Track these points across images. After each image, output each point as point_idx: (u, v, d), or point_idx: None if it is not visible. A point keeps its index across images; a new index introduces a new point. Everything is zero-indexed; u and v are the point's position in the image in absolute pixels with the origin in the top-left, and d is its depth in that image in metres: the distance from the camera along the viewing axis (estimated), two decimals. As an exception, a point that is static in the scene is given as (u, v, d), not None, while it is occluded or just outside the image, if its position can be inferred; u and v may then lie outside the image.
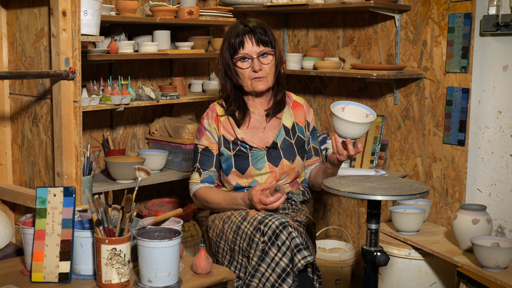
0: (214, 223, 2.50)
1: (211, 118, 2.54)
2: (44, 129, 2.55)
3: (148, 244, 1.92)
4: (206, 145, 2.52)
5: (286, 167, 2.49)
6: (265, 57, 2.45)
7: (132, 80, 3.64)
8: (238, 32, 2.45)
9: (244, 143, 2.49)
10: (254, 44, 2.44)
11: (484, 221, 2.82)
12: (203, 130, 2.54)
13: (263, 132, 2.53)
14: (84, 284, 1.98)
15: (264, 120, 2.55)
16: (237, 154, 2.48)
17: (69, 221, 2.02)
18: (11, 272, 2.09)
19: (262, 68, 2.45)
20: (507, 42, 3.12)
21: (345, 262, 3.41)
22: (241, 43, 2.44)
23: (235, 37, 2.45)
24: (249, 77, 2.46)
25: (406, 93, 3.48)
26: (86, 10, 2.48)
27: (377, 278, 2.12)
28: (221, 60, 2.51)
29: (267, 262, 2.19)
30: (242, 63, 2.45)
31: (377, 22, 3.58)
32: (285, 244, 2.17)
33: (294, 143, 2.53)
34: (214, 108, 2.57)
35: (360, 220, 3.71)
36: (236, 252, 2.34)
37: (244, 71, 2.45)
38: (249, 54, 2.44)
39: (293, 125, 2.56)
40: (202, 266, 2.07)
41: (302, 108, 2.61)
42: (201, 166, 2.52)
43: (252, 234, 2.25)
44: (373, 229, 2.08)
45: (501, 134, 3.19)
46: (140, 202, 3.69)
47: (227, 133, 2.51)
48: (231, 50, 2.46)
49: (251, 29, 2.44)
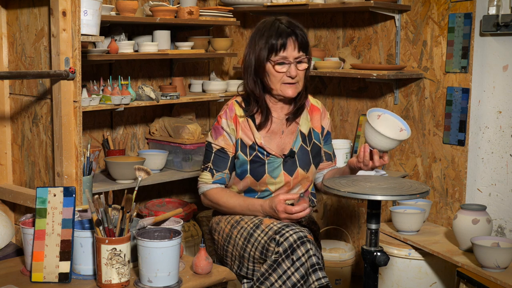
0: (219, 225, 2.44)
1: (229, 119, 2.40)
2: (44, 129, 2.55)
3: (148, 244, 1.92)
4: (222, 146, 2.40)
5: (301, 176, 2.42)
6: (301, 64, 2.35)
7: (132, 80, 3.64)
8: (280, 32, 2.32)
9: (262, 149, 2.39)
10: (296, 49, 2.33)
11: (484, 221, 2.82)
12: (221, 130, 2.40)
13: (280, 137, 2.44)
14: (84, 284, 1.98)
15: (282, 124, 2.45)
16: (254, 160, 2.38)
17: (69, 221, 2.02)
18: (11, 272, 2.09)
19: (297, 74, 2.35)
20: (507, 42, 3.12)
21: (345, 262, 3.41)
22: (283, 46, 2.31)
23: (276, 38, 2.31)
24: (281, 81, 2.35)
25: (406, 93, 3.48)
26: (86, 10, 2.48)
27: (377, 278, 2.13)
28: (253, 58, 2.36)
29: (279, 273, 2.14)
30: (280, 66, 2.33)
31: (377, 22, 3.58)
32: (300, 260, 2.12)
33: (310, 151, 2.45)
34: (232, 107, 2.42)
35: (360, 220, 3.71)
36: (245, 259, 2.29)
37: (278, 75, 2.34)
38: (288, 58, 2.33)
39: (309, 131, 2.47)
40: (202, 266, 2.07)
41: (318, 112, 2.52)
42: (214, 167, 2.41)
43: (266, 244, 2.20)
44: (373, 229, 2.09)
45: (501, 134, 3.19)
46: (140, 202, 3.69)
47: (245, 136, 2.40)
48: (269, 50, 2.32)
49: (293, 31, 2.33)
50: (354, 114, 3.73)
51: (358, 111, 3.71)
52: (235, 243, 2.34)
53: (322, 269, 2.13)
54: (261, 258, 2.23)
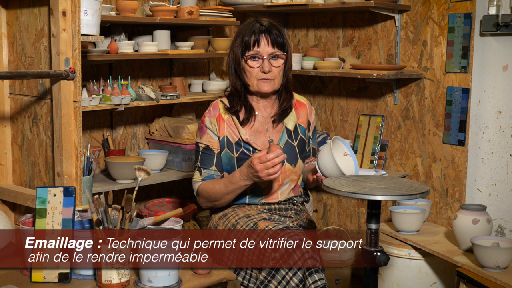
0: (217, 229, 2.45)
1: (213, 116, 2.48)
2: (44, 129, 2.54)
3: (148, 244, 1.92)
4: (207, 144, 2.46)
5: (288, 171, 2.45)
6: (276, 60, 2.40)
7: (132, 80, 3.64)
8: (254, 30, 2.39)
9: (248, 145, 2.44)
10: (269, 45, 2.39)
11: (484, 221, 2.81)
12: (204, 128, 2.48)
13: (265, 135, 2.48)
14: (84, 284, 1.98)
15: (267, 123, 2.50)
16: (240, 158, 2.42)
17: (69, 221, 2.02)
18: (11, 272, 2.09)
19: (271, 70, 2.39)
20: (507, 42, 3.11)
21: (345, 262, 3.41)
22: (256, 42, 2.38)
23: (250, 35, 2.39)
24: (256, 77, 2.41)
25: (406, 93, 3.48)
26: (86, 10, 2.48)
27: (377, 278, 2.12)
28: (232, 56, 2.45)
29: (278, 279, 2.16)
30: (252, 61, 2.40)
31: (377, 22, 3.58)
32: (297, 264, 2.13)
33: (296, 146, 2.50)
34: (217, 106, 2.50)
35: (360, 220, 3.71)
36: (244, 263, 2.30)
37: (252, 70, 2.40)
38: (261, 53, 2.39)
39: (295, 126, 2.52)
40: (202, 266, 2.07)
41: (305, 108, 2.57)
42: (202, 165, 2.46)
43: (263, 249, 2.21)
44: (373, 229, 2.08)
45: (501, 134, 3.19)
46: (140, 202, 3.69)
47: (231, 133, 2.45)
48: (244, 47, 2.40)
49: (267, 29, 2.39)
50: (354, 114, 3.73)
51: (358, 111, 3.72)
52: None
53: (319, 271, 2.15)
54: (257, 263, 2.24)
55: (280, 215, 2.45)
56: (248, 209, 2.44)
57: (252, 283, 2.28)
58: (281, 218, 2.44)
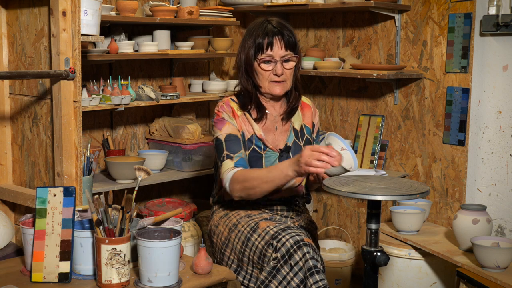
0: (218, 229, 2.44)
1: (229, 112, 2.42)
2: (44, 129, 2.55)
3: (148, 244, 1.92)
4: (230, 132, 2.37)
5: None
6: (288, 62, 2.39)
7: (132, 80, 3.64)
8: (267, 31, 2.36)
9: (259, 142, 2.42)
10: (282, 48, 2.36)
11: (484, 221, 2.82)
12: (224, 120, 2.39)
13: (274, 134, 2.48)
14: (84, 284, 1.98)
15: (276, 122, 2.49)
16: (251, 155, 2.41)
17: (69, 221, 2.02)
18: (11, 272, 2.09)
19: (284, 73, 2.38)
20: (507, 42, 3.12)
21: (345, 262, 3.41)
22: (269, 44, 2.36)
23: (263, 37, 2.36)
24: (268, 79, 2.39)
25: (406, 93, 3.48)
26: (86, 10, 2.48)
27: (377, 278, 2.12)
28: (243, 57, 2.41)
29: (279, 279, 2.16)
30: (266, 65, 2.37)
31: (377, 22, 3.58)
32: (298, 264, 2.13)
33: (303, 146, 2.49)
34: (228, 103, 2.44)
35: (360, 220, 3.71)
36: (245, 263, 2.31)
37: (265, 73, 2.38)
38: (273, 57, 2.36)
39: (301, 127, 2.53)
40: (202, 266, 2.07)
41: (309, 109, 2.58)
42: (230, 152, 2.35)
43: (264, 249, 2.21)
44: (373, 229, 2.08)
45: (501, 134, 3.19)
46: (140, 202, 3.69)
47: (244, 128, 2.43)
48: (257, 49, 2.37)
49: (280, 31, 2.37)
50: (354, 114, 3.74)
51: (358, 111, 3.72)
52: (233, 247, 2.35)
53: (320, 271, 2.14)
54: (258, 263, 2.25)
55: (282, 215, 2.45)
56: (249, 208, 2.44)
57: (252, 283, 2.28)
58: (282, 218, 2.44)
